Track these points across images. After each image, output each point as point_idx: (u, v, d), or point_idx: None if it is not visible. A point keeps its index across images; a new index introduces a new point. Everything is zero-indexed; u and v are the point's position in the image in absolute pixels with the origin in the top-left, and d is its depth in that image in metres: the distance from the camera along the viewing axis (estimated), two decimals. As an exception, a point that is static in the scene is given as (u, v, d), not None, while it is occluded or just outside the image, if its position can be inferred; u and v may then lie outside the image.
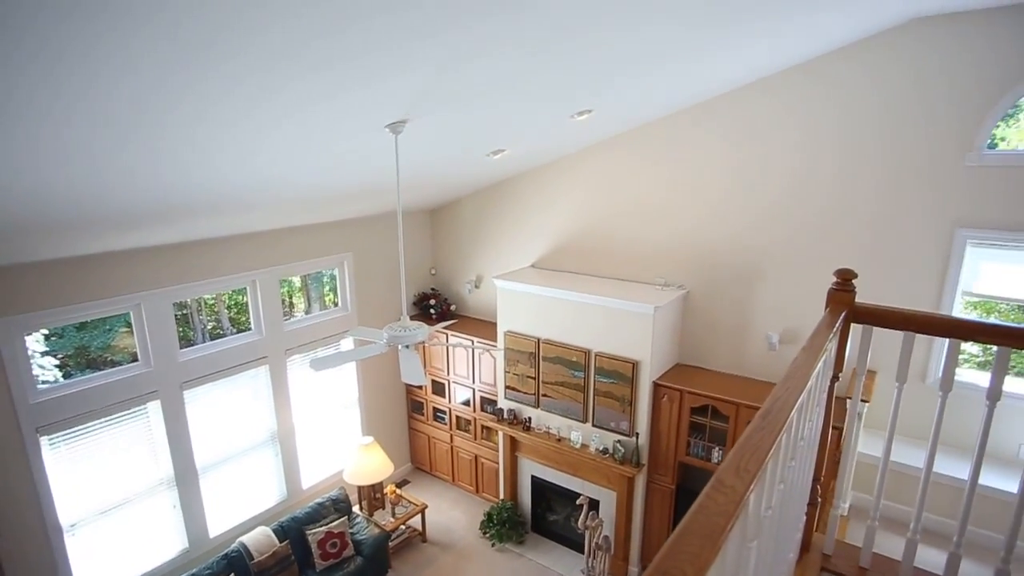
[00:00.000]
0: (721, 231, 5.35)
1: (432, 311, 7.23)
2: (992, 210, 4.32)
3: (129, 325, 4.91)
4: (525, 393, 6.16)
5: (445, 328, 5.94)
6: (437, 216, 7.50)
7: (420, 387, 7.33)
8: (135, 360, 4.93)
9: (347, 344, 6.54)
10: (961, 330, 1.77)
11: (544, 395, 6.01)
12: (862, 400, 4.60)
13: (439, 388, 7.21)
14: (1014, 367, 4.82)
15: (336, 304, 6.76)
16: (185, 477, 5.27)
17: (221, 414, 5.59)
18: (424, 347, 5.95)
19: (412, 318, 6.93)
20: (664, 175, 5.55)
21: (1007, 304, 4.99)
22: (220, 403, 5.56)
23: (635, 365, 5.33)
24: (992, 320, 4.43)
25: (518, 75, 3.17)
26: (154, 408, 5.02)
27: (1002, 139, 4.71)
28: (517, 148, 5.19)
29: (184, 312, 5.59)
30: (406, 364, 3.50)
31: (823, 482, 2.29)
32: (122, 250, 4.62)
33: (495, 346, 6.28)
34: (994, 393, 1.75)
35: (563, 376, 5.82)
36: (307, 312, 6.69)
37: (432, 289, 7.59)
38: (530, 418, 6.19)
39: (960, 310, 4.73)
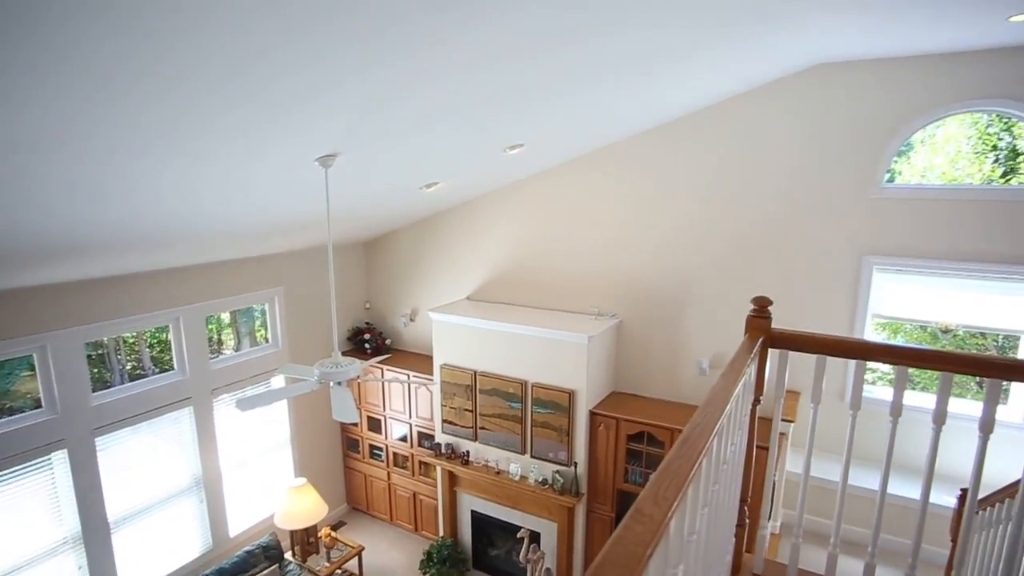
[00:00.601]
0: (651, 260, 5.53)
1: (367, 346, 7.08)
2: (893, 238, 4.67)
3: (33, 368, 4.55)
4: (463, 427, 6.08)
5: (379, 363, 5.82)
6: (372, 249, 7.41)
7: (354, 424, 7.12)
8: (39, 406, 4.56)
9: (278, 382, 6.29)
10: (866, 352, 1.89)
11: (482, 428, 5.96)
12: (788, 420, 4.80)
13: (375, 424, 7.02)
14: (918, 384, 5.17)
15: (267, 340, 6.51)
16: (95, 534, 4.86)
17: (139, 461, 5.22)
18: (359, 383, 5.81)
19: (346, 354, 6.77)
20: (597, 206, 5.71)
21: (911, 324, 5.37)
22: (138, 449, 5.20)
23: (571, 395, 5.37)
24: (893, 342, 4.75)
25: (448, 111, 3.21)
26: (60, 459, 4.63)
27: (899, 173, 5.13)
28: (451, 181, 5.23)
29: (100, 352, 5.24)
30: (338, 401, 3.40)
31: (751, 503, 2.36)
32: (25, 287, 4.30)
33: (431, 380, 6.20)
34: (896, 409, 1.87)
35: (501, 408, 5.79)
36: (236, 349, 6.41)
37: (367, 323, 7.44)
38: (468, 452, 6.10)
39: (871, 331, 5.04)
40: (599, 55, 3.08)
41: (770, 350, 1.99)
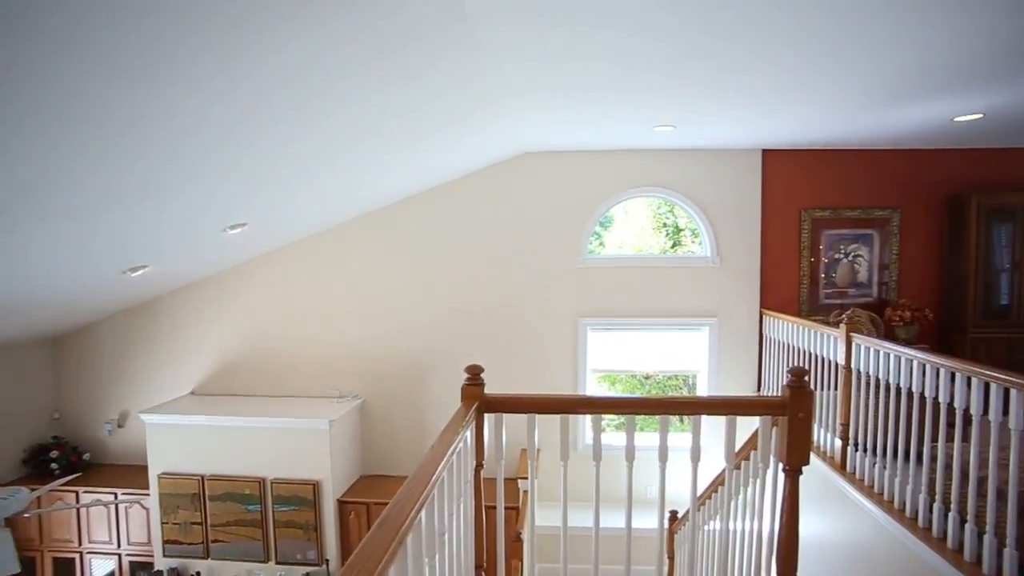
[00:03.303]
0: (391, 337, 5.56)
1: (54, 466, 5.69)
2: (598, 301, 5.43)
3: None
4: (190, 544, 5.19)
5: (67, 483, 4.69)
6: (63, 346, 6.12)
7: None
8: None
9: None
10: (568, 407, 2.11)
11: (215, 541, 5.16)
12: (523, 477, 5.08)
13: (65, 568, 5.56)
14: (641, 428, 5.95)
15: None
16: None
17: None
18: (35, 517, 4.60)
19: (22, 480, 5.38)
20: (333, 286, 5.59)
21: (625, 374, 6.22)
22: None
23: (316, 486, 5.00)
24: (591, 394, 5.40)
25: (148, 184, 2.88)
26: None
27: (602, 246, 6.07)
28: (164, 263, 4.65)
29: None
30: (-11, 547, 2.64)
31: (487, 567, 2.40)
32: None
33: (146, 494, 5.22)
34: (596, 453, 2.12)
35: (236, 513, 5.10)
36: None
37: (54, 438, 6.01)
38: (199, 573, 5.21)
39: (594, 384, 5.71)
40: (310, 143, 3.10)
41: (486, 415, 2.11)
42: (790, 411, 1.94)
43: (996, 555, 2.45)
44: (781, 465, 2.00)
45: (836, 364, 3.84)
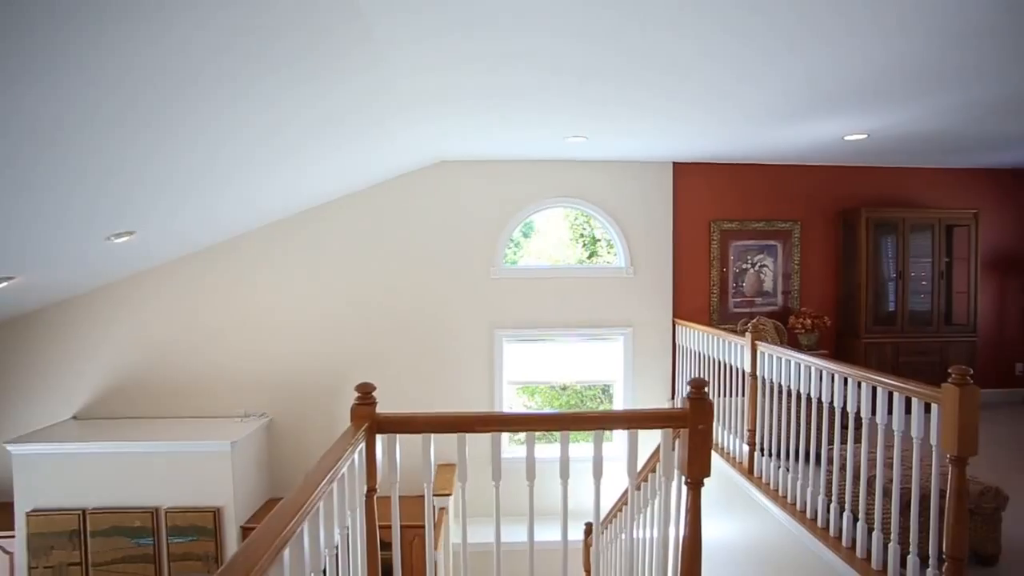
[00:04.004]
0: (300, 351, 5.28)
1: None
2: (514, 312, 5.37)
3: None
4: (69, 587, 4.69)
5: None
6: (-82, 368, 5.42)
7: None
8: None
9: None
10: (465, 425, 2.01)
11: (99, 581, 4.69)
12: (446, 494, 4.94)
13: (-79, 618, 4.93)
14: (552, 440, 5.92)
15: None
16: None
17: None
18: None
19: None
20: (239, 298, 5.25)
21: (543, 384, 6.19)
22: None
23: (217, 512, 4.64)
24: (487, 411, 5.31)
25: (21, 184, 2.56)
26: None
27: (520, 256, 6.03)
28: (36, 274, 4.20)
29: None
30: None
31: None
32: None
33: (10, 536, 4.66)
34: (496, 472, 2.03)
35: (124, 549, 4.65)
36: None
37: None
38: (80, 618, 4.71)
39: (513, 396, 5.64)
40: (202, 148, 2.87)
41: (378, 435, 1.98)
42: (690, 423, 1.93)
43: (883, 550, 2.55)
44: (684, 478, 1.98)
45: (743, 371, 3.94)
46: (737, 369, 4.09)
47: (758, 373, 3.75)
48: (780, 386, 3.48)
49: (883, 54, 2.67)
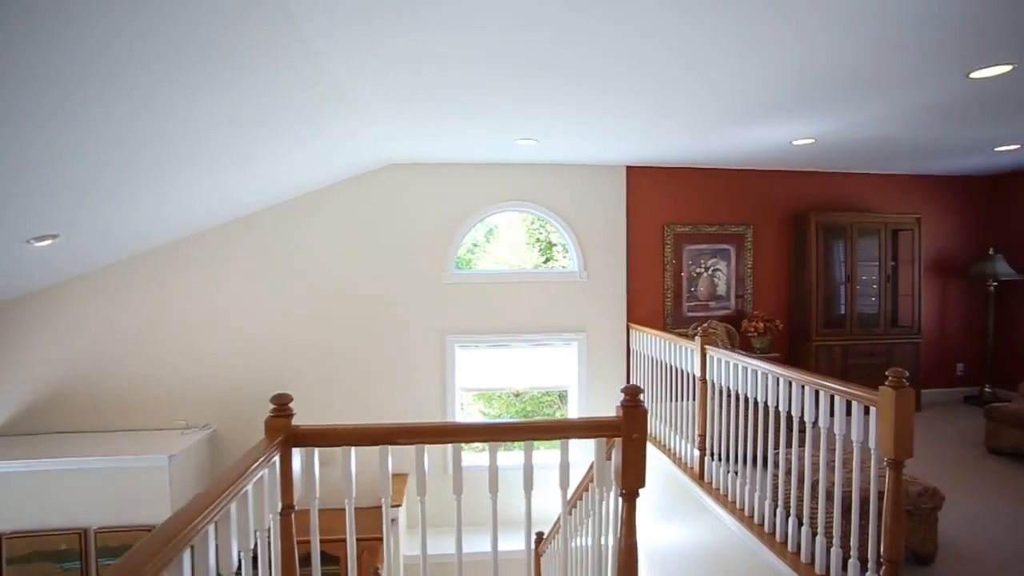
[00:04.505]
0: (245, 358, 5.06)
1: None
2: (464, 317, 5.26)
3: None
4: (-11, 615, 4.39)
5: None
6: None
7: None
8: None
9: None
10: (388, 436, 1.89)
11: (21, 609, 4.39)
12: (394, 505, 4.79)
13: None
14: (504, 448, 5.82)
15: None
16: None
17: None
18: None
19: None
20: (179, 306, 5.01)
21: (498, 391, 6.08)
22: None
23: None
24: (406, 423, 5.22)
25: None
26: None
27: (477, 260, 5.93)
28: (-51, 281, 3.93)
29: None
30: None
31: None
32: None
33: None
34: (420, 487, 1.92)
35: (47, 574, 4.37)
36: None
37: None
38: (1, 649, 4.41)
39: (469, 402, 5.52)
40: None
41: (294, 449, 1.85)
42: (624, 432, 1.85)
43: (826, 554, 2.53)
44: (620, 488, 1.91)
45: (694, 376, 3.92)
46: (688, 374, 4.06)
47: (707, 377, 3.73)
48: (728, 390, 3.46)
49: (828, 56, 2.67)
